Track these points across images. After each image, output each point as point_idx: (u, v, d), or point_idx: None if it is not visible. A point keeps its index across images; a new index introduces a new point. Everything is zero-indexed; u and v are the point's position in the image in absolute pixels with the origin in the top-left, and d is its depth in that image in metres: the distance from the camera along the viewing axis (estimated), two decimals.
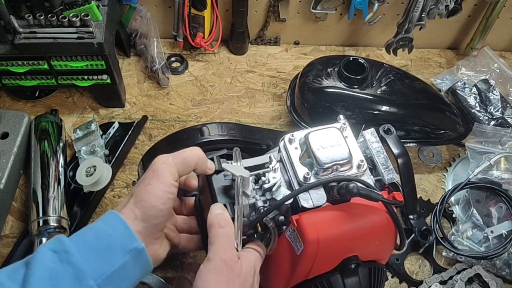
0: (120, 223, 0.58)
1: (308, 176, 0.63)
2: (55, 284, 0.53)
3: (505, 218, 0.92)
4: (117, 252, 0.57)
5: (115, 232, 0.58)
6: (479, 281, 0.87)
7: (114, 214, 0.59)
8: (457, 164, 1.04)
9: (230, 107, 1.12)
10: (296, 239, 0.62)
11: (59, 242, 0.56)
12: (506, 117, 1.05)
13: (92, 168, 0.91)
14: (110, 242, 0.57)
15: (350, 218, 0.62)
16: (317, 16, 1.17)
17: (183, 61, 1.20)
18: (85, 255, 0.55)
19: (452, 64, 1.21)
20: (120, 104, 1.10)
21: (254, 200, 0.64)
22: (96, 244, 0.57)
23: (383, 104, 0.97)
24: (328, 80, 0.99)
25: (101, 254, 0.56)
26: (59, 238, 0.57)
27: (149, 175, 0.62)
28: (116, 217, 0.59)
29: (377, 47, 1.25)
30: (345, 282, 0.65)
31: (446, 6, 1.05)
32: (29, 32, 0.92)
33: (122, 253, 0.57)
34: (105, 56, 0.96)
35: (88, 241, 0.57)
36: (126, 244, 0.58)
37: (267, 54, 1.23)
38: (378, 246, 0.66)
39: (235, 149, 0.67)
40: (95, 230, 0.58)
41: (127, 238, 0.58)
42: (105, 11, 0.98)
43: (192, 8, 1.11)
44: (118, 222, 0.58)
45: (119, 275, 0.57)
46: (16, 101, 1.11)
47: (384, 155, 0.70)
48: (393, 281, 0.89)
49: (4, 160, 0.92)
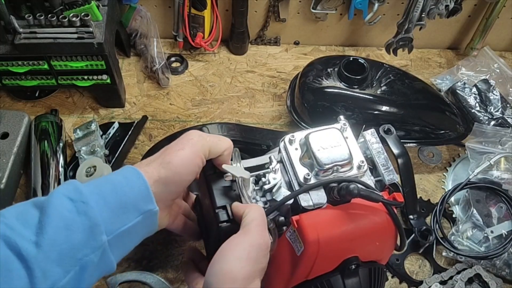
0: (141, 182, 0.57)
1: (308, 177, 0.63)
2: (69, 235, 0.52)
3: (505, 218, 0.92)
4: (133, 211, 0.56)
5: (134, 190, 0.57)
6: (479, 281, 0.87)
7: (135, 171, 0.58)
8: (457, 164, 1.04)
9: (230, 107, 1.12)
10: (296, 239, 0.62)
11: (76, 191, 0.54)
12: (506, 117, 1.05)
13: (92, 168, 0.91)
14: (127, 200, 0.56)
15: (350, 219, 0.62)
16: (317, 16, 1.17)
17: (183, 61, 1.19)
18: (101, 209, 0.54)
19: (452, 64, 1.21)
20: (120, 104, 1.10)
21: (254, 201, 0.64)
22: (113, 199, 0.55)
23: (383, 104, 0.97)
24: (328, 80, 0.99)
25: (117, 210, 0.55)
26: (75, 185, 0.55)
27: (183, 141, 0.61)
28: (138, 175, 0.57)
29: (377, 47, 1.25)
30: (345, 283, 0.65)
31: (446, 6, 1.05)
32: (29, 32, 0.92)
33: (137, 213, 0.56)
34: (105, 56, 0.96)
35: (106, 195, 0.55)
36: (142, 205, 0.57)
37: (267, 54, 1.23)
38: (378, 247, 0.66)
39: (234, 150, 0.67)
40: (114, 184, 0.57)
41: (145, 199, 0.57)
42: (105, 11, 0.98)
43: (192, 8, 1.11)
44: (140, 180, 0.57)
45: (129, 233, 0.56)
46: (16, 101, 1.11)
47: (385, 156, 0.70)
48: (393, 281, 0.89)
49: (4, 160, 0.92)
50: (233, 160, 0.66)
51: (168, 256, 0.89)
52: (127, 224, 0.56)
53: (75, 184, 0.55)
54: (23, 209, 0.53)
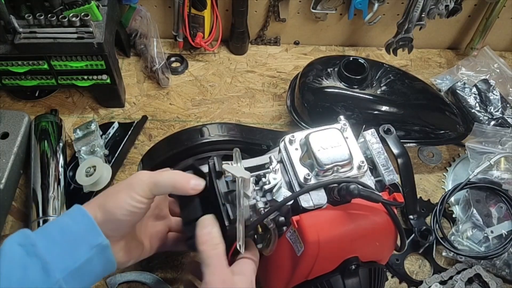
0: (85, 218, 0.58)
1: (308, 177, 0.63)
2: (24, 277, 0.53)
3: (505, 218, 0.92)
4: (82, 246, 0.57)
5: (80, 226, 0.58)
6: (479, 281, 0.87)
7: (80, 209, 0.59)
8: (457, 164, 1.04)
9: (230, 107, 1.12)
10: (296, 240, 0.62)
11: (25, 236, 0.56)
12: (506, 117, 1.05)
13: (92, 168, 0.91)
14: (75, 236, 0.57)
15: (350, 219, 0.62)
16: (317, 16, 1.17)
17: (183, 61, 1.19)
18: (50, 249, 0.55)
19: (452, 64, 1.21)
20: (120, 104, 1.10)
21: (255, 201, 0.64)
22: (61, 238, 0.57)
23: (383, 104, 0.97)
24: (328, 80, 0.99)
25: (66, 248, 0.56)
26: (24, 232, 0.57)
27: (122, 185, 0.62)
28: (82, 211, 0.59)
29: (377, 47, 1.25)
30: (345, 283, 0.65)
31: (446, 6, 1.05)
32: (29, 32, 0.92)
33: (87, 247, 0.57)
34: (105, 56, 0.96)
35: (53, 235, 0.57)
36: (91, 239, 0.58)
37: (267, 54, 1.23)
38: (378, 247, 0.66)
39: (235, 150, 0.67)
40: (60, 224, 0.58)
41: (92, 233, 0.58)
42: (105, 11, 0.98)
43: (192, 8, 1.11)
44: (84, 216, 0.58)
45: (84, 270, 0.57)
46: (16, 101, 1.11)
47: (385, 156, 0.70)
48: (393, 281, 0.89)
49: (4, 160, 0.92)
50: (234, 160, 0.66)
51: (167, 256, 0.89)
52: (79, 260, 0.56)
53: (24, 231, 0.57)
54: None
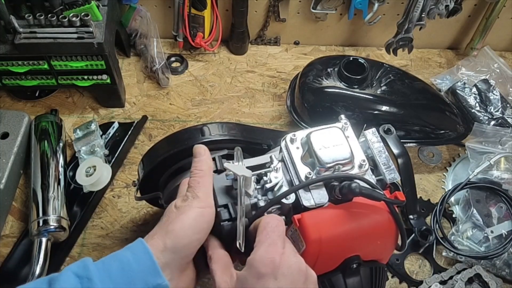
0: (146, 256, 0.56)
1: (310, 175, 0.63)
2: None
3: (505, 218, 0.92)
4: (140, 287, 0.55)
5: (140, 265, 0.56)
6: (479, 281, 0.87)
7: (142, 245, 0.57)
8: (457, 164, 1.04)
9: (230, 107, 1.12)
10: (298, 238, 0.62)
11: (84, 267, 0.55)
12: (506, 117, 1.05)
13: (92, 168, 0.91)
14: (133, 275, 0.55)
15: (352, 218, 0.62)
16: (317, 16, 1.17)
17: (183, 61, 1.19)
18: (106, 284, 0.54)
19: (452, 64, 1.21)
20: (120, 104, 1.10)
21: (256, 200, 0.64)
22: (119, 275, 0.55)
23: (383, 104, 0.98)
24: (328, 80, 0.99)
25: (123, 286, 0.54)
26: (85, 262, 0.56)
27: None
28: (144, 248, 0.57)
29: (377, 47, 1.25)
30: (346, 282, 0.64)
31: (446, 6, 1.05)
32: (29, 32, 0.92)
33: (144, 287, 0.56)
34: (105, 56, 0.96)
35: (112, 270, 0.55)
36: (149, 279, 0.55)
37: (267, 54, 1.23)
38: (379, 246, 0.66)
39: (236, 149, 0.67)
40: (121, 260, 0.56)
41: (152, 273, 0.56)
42: (105, 11, 0.98)
43: (192, 8, 1.11)
44: (145, 254, 0.56)
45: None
46: (16, 101, 1.11)
47: (386, 155, 0.70)
48: (393, 281, 0.89)
49: (4, 160, 0.92)
50: (235, 159, 0.66)
51: None
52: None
53: (85, 261, 0.56)
54: (37, 284, 0.55)
